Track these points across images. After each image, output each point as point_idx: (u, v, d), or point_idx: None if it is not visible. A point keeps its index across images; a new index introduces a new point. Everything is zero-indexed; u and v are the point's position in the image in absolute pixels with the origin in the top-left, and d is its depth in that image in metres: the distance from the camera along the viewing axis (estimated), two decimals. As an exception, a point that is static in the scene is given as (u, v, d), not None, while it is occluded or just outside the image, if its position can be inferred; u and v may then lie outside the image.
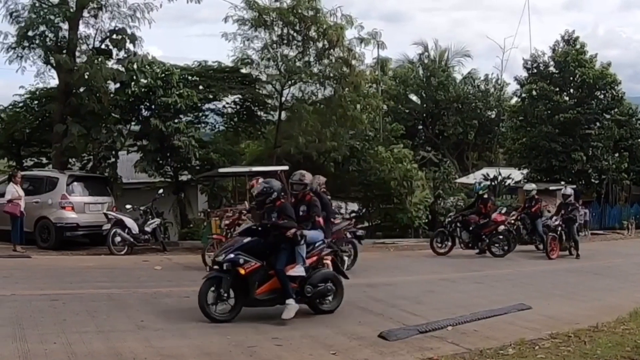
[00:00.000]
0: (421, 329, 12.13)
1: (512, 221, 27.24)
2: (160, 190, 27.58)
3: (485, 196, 26.96)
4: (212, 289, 12.53)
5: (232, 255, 12.59)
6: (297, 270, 13.00)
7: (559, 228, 25.89)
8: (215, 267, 13.07)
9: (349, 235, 21.39)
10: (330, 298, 13.69)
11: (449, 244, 26.30)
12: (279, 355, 10.49)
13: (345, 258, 19.73)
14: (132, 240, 23.80)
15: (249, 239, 13.09)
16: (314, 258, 13.70)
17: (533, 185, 29.93)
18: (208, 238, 21.27)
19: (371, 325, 12.63)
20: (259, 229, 13.37)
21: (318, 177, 21.57)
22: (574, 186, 39.09)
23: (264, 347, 10.86)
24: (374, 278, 19.76)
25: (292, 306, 12.80)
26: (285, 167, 28.05)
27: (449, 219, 26.94)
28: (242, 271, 12.47)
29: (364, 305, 14.82)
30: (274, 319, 12.83)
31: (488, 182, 30.96)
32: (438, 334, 11.92)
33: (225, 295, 12.49)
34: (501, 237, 26.00)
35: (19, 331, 11.07)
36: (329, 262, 14.13)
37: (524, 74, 51.41)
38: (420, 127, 64.13)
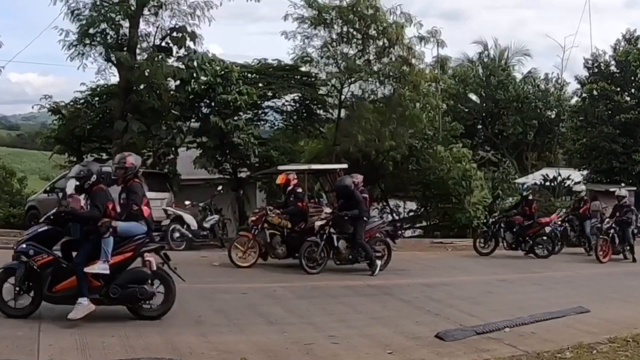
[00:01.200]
0: (478, 330, 12.04)
1: (560, 222, 26.96)
2: (220, 187, 27.60)
3: (530, 197, 26.64)
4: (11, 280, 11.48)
5: (23, 246, 11.65)
6: (97, 267, 11.63)
7: (612, 230, 25.44)
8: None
9: (384, 235, 21.24)
10: (152, 302, 12.11)
11: (492, 244, 26.06)
12: (335, 353, 10.51)
13: (378, 262, 19.56)
14: (190, 236, 23.83)
15: (45, 227, 12.04)
16: (128, 254, 12.15)
17: (582, 187, 29.65)
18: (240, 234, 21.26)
19: (428, 325, 12.58)
20: (52, 217, 12.22)
21: (356, 175, 21.58)
22: (634, 188, 38.54)
23: (320, 345, 10.90)
24: (432, 278, 19.73)
25: (82, 306, 11.43)
26: (345, 165, 28.08)
27: (493, 220, 26.68)
28: (34, 263, 11.47)
29: (421, 305, 14.80)
30: (333, 314, 12.93)
31: (531, 183, 30.44)
32: (495, 335, 11.82)
33: (18, 289, 11.46)
34: (545, 238, 25.68)
35: (78, 324, 11.22)
36: (151, 259, 12.35)
37: (584, 73, 50.63)
38: (480, 126, 63.56)
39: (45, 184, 32.29)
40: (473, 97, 62.53)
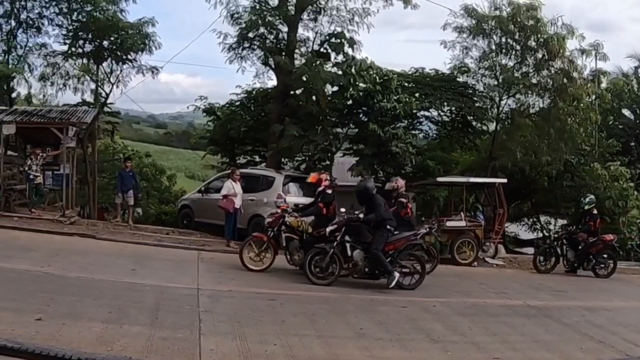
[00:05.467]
0: (646, 362, 11.51)
1: None
2: (377, 196, 27.47)
3: (595, 212, 25.60)
4: None
5: None
6: None
7: None
8: None
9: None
10: None
11: (553, 261, 24.95)
12: (501, 377, 10.13)
13: (396, 274, 17.27)
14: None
15: None
16: None
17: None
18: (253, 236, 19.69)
19: (593, 353, 12.11)
20: None
21: (396, 179, 21.06)
22: None
23: (485, 367, 10.49)
24: (590, 301, 19.03)
25: None
26: (504, 180, 27.55)
27: (555, 236, 25.58)
28: None
29: (584, 330, 14.21)
30: (496, 335, 12.66)
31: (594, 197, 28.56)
32: (662, 368, 11.29)
33: None
34: (605, 256, 24.73)
35: (238, 329, 11.22)
36: None
37: None
38: (633, 143, 61.79)
39: (191, 181, 32.85)
40: (626, 112, 60.83)
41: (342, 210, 24.58)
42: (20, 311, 10.76)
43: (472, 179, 27.80)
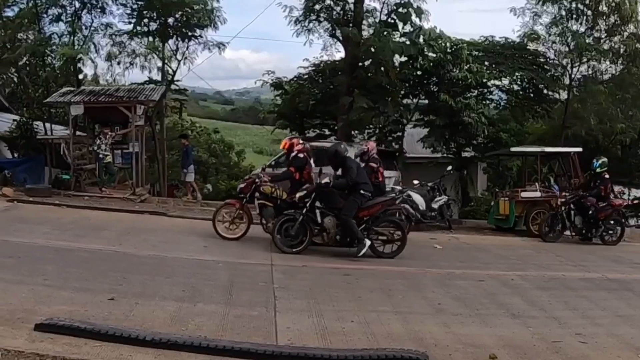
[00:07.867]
0: None
1: None
2: (449, 167, 27.04)
3: (606, 176, 23.89)
4: None
5: None
6: None
7: None
8: None
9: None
10: None
11: (559, 228, 23.76)
12: (585, 354, 9.70)
13: (367, 242, 16.62)
14: (418, 216, 22.91)
15: None
16: None
17: None
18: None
19: (676, 327, 11.55)
20: None
21: (367, 142, 20.30)
22: None
23: (568, 343, 10.11)
24: (671, 273, 18.40)
25: None
26: (579, 149, 26.95)
27: (563, 201, 24.48)
28: None
29: (663, 303, 13.70)
30: (576, 310, 12.27)
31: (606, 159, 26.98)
32: None
33: None
34: (612, 222, 23.64)
35: (314, 305, 11.05)
36: None
37: None
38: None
39: (259, 156, 32.92)
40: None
41: (415, 182, 24.20)
42: (93, 291, 10.76)
43: (547, 149, 27.22)
